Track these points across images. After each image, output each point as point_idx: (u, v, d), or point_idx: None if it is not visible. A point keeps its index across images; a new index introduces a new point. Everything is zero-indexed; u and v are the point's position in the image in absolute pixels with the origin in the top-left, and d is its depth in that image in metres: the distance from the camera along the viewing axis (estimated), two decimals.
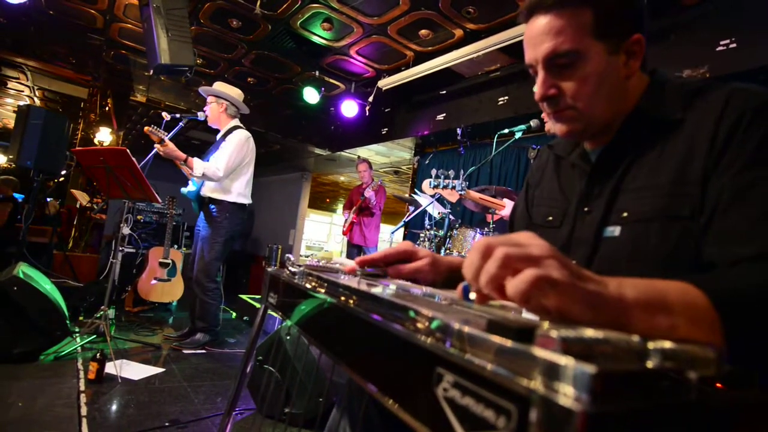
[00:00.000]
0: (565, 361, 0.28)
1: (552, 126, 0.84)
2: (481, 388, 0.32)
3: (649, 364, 0.33)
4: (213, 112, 3.29)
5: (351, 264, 0.79)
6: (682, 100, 0.75)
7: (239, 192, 3.26)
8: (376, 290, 0.58)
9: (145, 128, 2.89)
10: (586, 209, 0.82)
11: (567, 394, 0.27)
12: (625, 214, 0.75)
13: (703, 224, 0.66)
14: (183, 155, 3.00)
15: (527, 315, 0.55)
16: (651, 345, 0.33)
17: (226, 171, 3.09)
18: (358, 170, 5.18)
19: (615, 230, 0.75)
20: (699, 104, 0.73)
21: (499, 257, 0.44)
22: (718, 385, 0.34)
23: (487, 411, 0.31)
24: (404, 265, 0.78)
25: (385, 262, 0.79)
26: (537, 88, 0.79)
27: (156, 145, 2.92)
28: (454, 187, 2.41)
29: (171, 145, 2.94)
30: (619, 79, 0.77)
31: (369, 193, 4.89)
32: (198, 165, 3.00)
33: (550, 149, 0.99)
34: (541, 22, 0.75)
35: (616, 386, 0.28)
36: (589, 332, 0.34)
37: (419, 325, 0.42)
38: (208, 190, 3.19)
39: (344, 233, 5.26)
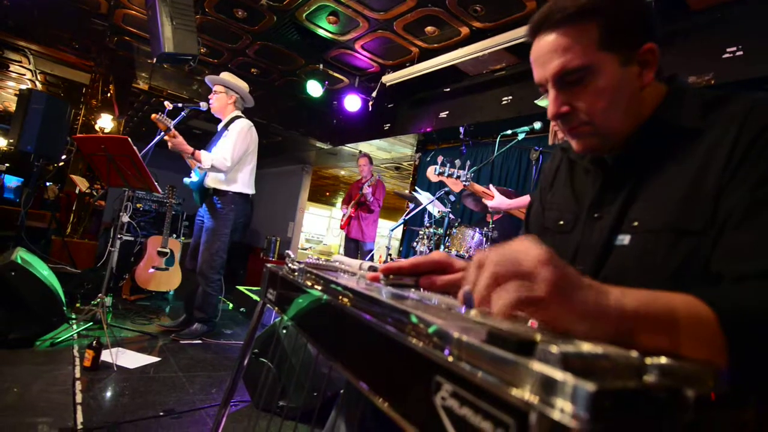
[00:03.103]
0: (564, 377, 0.28)
1: (570, 142, 0.82)
2: (480, 399, 0.32)
3: (647, 380, 0.33)
4: (220, 102, 3.26)
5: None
6: (701, 110, 0.73)
7: (244, 182, 3.24)
8: (376, 292, 0.58)
9: (152, 115, 2.86)
10: (596, 215, 0.81)
11: (566, 411, 0.27)
12: (636, 224, 0.73)
13: (713, 237, 0.65)
14: (190, 149, 3.00)
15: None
16: (649, 361, 0.34)
17: (233, 161, 3.08)
18: (358, 164, 5.19)
19: (624, 239, 0.74)
20: (719, 115, 0.71)
21: (487, 276, 0.45)
22: (713, 395, 0.34)
23: (484, 423, 0.31)
24: (439, 277, 0.70)
25: (416, 272, 0.72)
26: (549, 107, 0.78)
27: (165, 136, 2.91)
28: (458, 177, 2.40)
29: (180, 138, 2.95)
30: (634, 90, 0.75)
31: (366, 190, 4.91)
32: (206, 157, 3.00)
33: (563, 152, 0.97)
34: (548, 39, 0.74)
35: (614, 404, 0.28)
36: (589, 347, 0.34)
37: (420, 332, 0.42)
38: (213, 182, 3.16)
39: (342, 227, 5.26)
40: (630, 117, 0.76)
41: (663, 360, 0.34)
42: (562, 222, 0.89)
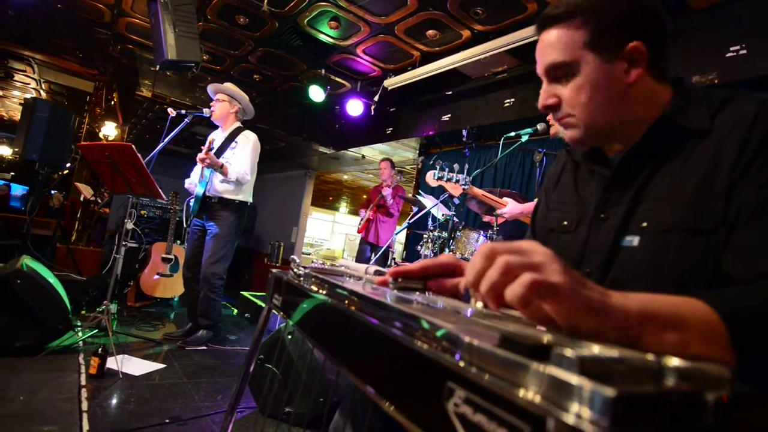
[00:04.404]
0: (582, 381, 0.27)
1: (560, 132, 0.85)
2: (494, 405, 0.31)
3: (666, 384, 0.32)
4: (222, 110, 3.31)
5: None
6: (709, 110, 0.73)
7: (249, 191, 3.35)
8: (384, 297, 0.57)
9: (210, 137, 3.14)
10: (602, 216, 0.81)
11: (583, 416, 0.27)
12: (645, 224, 0.73)
13: (723, 237, 0.65)
14: (220, 162, 3.13)
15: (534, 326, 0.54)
16: (667, 364, 0.33)
17: (251, 174, 3.26)
18: (379, 168, 5.14)
19: (633, 240, 0.74)
20: (727, 115, 0.71)
21: (500, 264, 0.45)
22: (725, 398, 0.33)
23: (500, 429, 0.30)
24: (448, 280, 0.71)
25: (424, 275, 0.71)
26: (540, 98, 0.83)
27: (200, 155, 3.03)
28: (458, 181, 2.38)
29: (212, 156, 3.07)
30: (620, 86, 0.77)
31: (386, 191, 4.89)
32: (232, 171, 3.14)
33: (568, 154, 0.98)
34: (546, 35, 0.80)
35: (633, 409, 0.27)
36: (605, 351, 0.33)
37: (431, 337, 0.41)
38: (222, 191, 3.20)
39: (359, 231, 5.23)
40: (614, 111, 0.78)
41: (681, 363, 0.33)
42: (565, 222, 0.90)
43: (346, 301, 0.62)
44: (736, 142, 0.67)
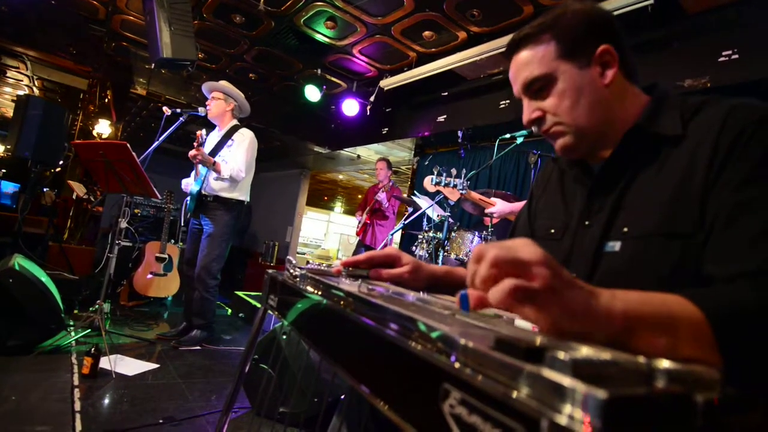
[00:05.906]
0: (575, 384, 0.28)
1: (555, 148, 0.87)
2: (489, 407, 0.32)
3: (657, 386, 0.33)
4: (218, 109, 3.30)
5: (338, 266, 0.82)
6: (682, 116, 0.75)
7: (245, 190, 3.32)
8: (381, 299, 0.57)
9: (198, 132, 3.10)
10: (586, 223, 0.83)
11: (576, 418, 0.27)
12: (626, 230, 0.75)
13: (702, 240, 0.66)
14: (212, 159, 3.11)
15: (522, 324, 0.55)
16: (657, 366, 0.33)
17: (246, 171, 3.23)
18: (375, 168, 5.08)
19: (615, 245, 0.75)
20: (699, 120, 0.73)
21: (489, 259, 0.46)
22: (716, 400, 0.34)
23: (494, 430, 0.31)
24: (385, 270, 0.83)
25: (370, 264, 0.83)
26: (523, 114, 0.87)
27: (191, 152, 3.02)
28: (455, 186, 2.39)
29: (203, 152, 3.05)
30: (598, 88, 0.80)
31: (380, 196, 4.84)
32: (225, 168, 3.12)
33: (554, 162, 1.00)
34: (516, 59, 0.85)
35: (625, 411, 0.28)
36: (597, 353, 0.34)
37: (427, 339, 0.42)
38: (218, 189, 3.18)
39: (357, 234, 5.21)
40: (599, 114, 0.80)
41: (671, 365, 0.34)
42: (552, 230, 0.91)
43: (342, 302, 0.62)
44: (708, 147, 0.69)
